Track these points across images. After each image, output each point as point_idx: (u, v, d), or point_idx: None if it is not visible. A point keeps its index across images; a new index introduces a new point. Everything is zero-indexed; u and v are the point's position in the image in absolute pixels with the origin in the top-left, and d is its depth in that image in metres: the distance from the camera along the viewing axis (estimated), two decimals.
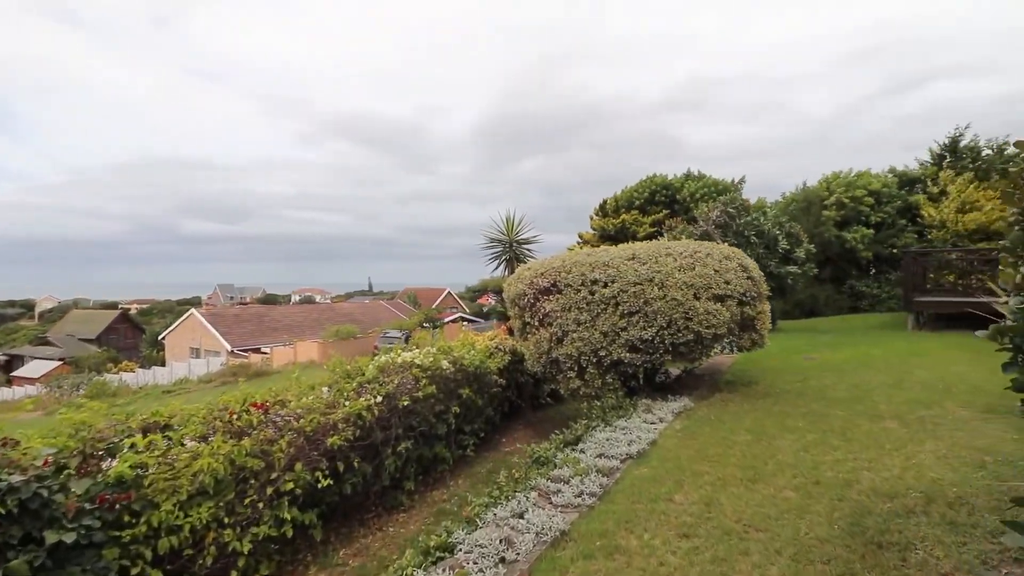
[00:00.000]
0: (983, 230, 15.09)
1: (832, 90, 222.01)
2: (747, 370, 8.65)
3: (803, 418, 5.41)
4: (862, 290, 18.90)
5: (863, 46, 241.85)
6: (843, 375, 7.54)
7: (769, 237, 12.92)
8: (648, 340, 6.10)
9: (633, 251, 6.58)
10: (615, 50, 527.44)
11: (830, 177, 19.75)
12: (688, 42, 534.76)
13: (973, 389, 6.15)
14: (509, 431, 8.35)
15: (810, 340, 11.74)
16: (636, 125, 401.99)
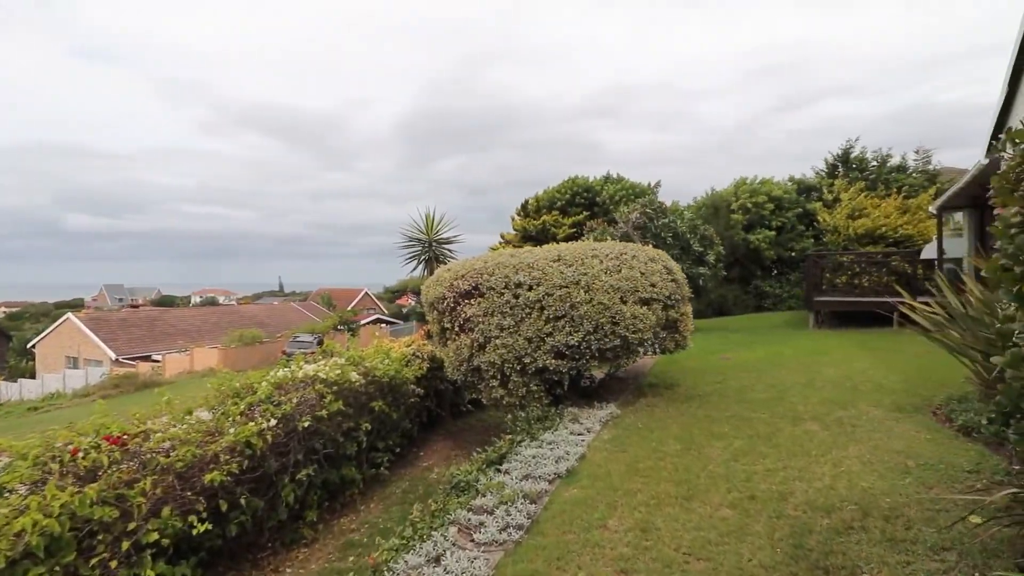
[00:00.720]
0: (870, 235, 16.42)
1: (735, 103, 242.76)
2: (668, 371, 8.66)
3: (728, 423, 5.33)
4: (766, 290, 20.06)
5: (761, 65, 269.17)
6: (759, 375, 7.68)
7: (684, 239, 13.24)
8: (575, 346, 5.81)
9: (559, 252, 6.27)
10: (536, 53, 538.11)
11: (738, 182, 20.82)
12: (604, 51, 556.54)
13: (878, 387, 6.40)
14: (428, 443, 7.80)
15: (724, 339, 12.12)
16: (557, 128, 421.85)
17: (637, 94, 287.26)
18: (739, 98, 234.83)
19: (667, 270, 6.43)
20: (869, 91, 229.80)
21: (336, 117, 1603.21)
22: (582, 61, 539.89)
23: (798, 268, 19.97)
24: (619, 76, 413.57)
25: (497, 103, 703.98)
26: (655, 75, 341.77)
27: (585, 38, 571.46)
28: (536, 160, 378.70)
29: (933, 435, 4.47)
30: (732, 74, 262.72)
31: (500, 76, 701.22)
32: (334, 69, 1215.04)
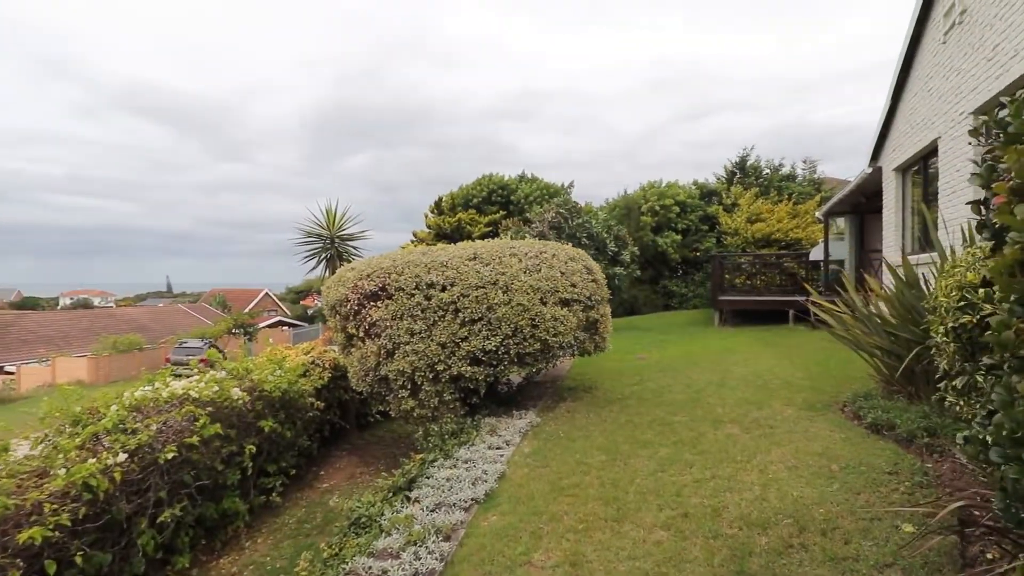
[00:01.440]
0: (766, 238, 17.50)
1: (638, 112, 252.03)
2: (586, 373, 8.48)
3: (651, 428, 5.13)
4: (673, 289, 20.85)
5: (660, 77, 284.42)
6: (675, 375, 7.67)
7: (599, 239, 13.28)
8: (492, 351, 5.38)
9: (475, 250, 5.80)
10: (448, 52, 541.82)
11: (646, 186, 21.48)
12: (515, 54, 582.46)
13: (786, 384, 6.54)
14: (330, 460, 7.05)
15: (638, 338, 12.25)
16: (471, 128, 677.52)
17: (547, 98, 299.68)
18: (641, 107, 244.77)
19: (587, 270, 6.18)
20: (755, 107, 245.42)
21: (232, 104, 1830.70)
22: (495, 62, 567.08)
23: (702, 269, 20.94)
24: (529, 79, 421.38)
25: (409, 99, 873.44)
26: (563, 80, 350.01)
27: (497, 40, 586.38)
28: (449, 159, 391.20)
29: (847, 434, 4.50)
30: (634, 84, 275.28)
31: (412, 72, 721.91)
32: (230, 52, 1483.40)
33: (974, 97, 6.57)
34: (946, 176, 7.47)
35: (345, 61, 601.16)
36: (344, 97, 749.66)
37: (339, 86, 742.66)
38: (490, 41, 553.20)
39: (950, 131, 7.30)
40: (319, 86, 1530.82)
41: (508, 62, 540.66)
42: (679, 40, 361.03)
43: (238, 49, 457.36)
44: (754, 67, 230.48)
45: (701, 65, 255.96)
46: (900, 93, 9.45)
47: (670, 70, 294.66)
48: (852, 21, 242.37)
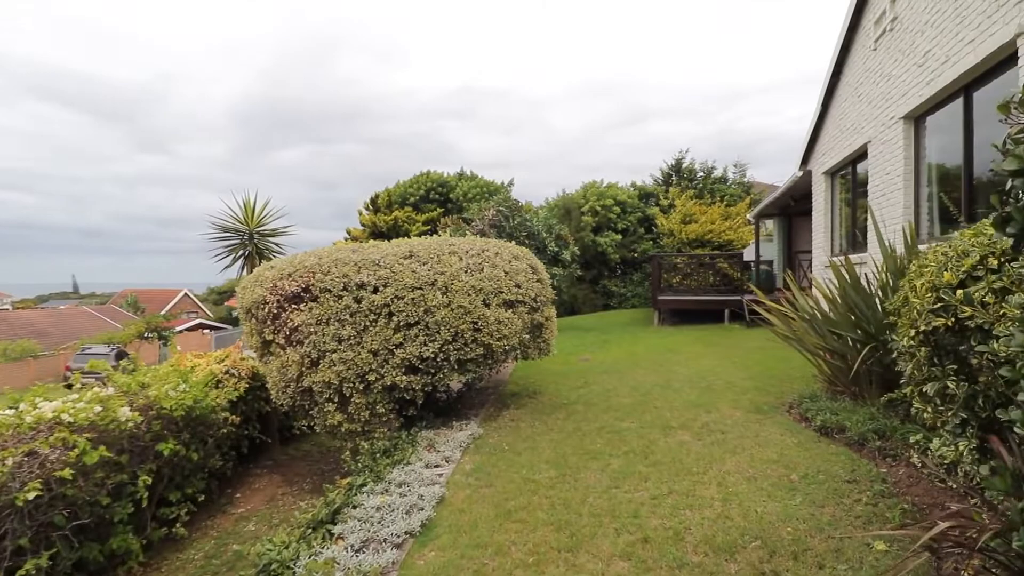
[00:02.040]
0: (700, 239, 17.91)
1: (578, 115, 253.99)
2: (529, 376, 8.15)
3: (600, 437, 4.84)
4: (612, 289, 21.02)
5: (599, 82, 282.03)
6: (620, 377, 7.48)
7: (539, 239, 13.04)
8: (430, 358, 4.91)
9: (410, 248, 5.31)
10: (388, 48, 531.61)
11: (587, 186, 21.55)
12: (456, 52, 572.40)
13: (730, 386, 6.47)
14: (248, 480, 6.33)
15: (579, 339, 12.09)
16: (411, 125, 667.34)
17: (488, 97, 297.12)
18: (581, 110, 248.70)
19: (532, 269, 5.83)
20: (688, 114, 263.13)
21: (153, 91, 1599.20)
22: (436, 60, 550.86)
23: (640, 269, 21.23)
24: (472, 79, 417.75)
25: (348, 94, 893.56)
26: (505, 80, 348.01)
27: (440, 37, 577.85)
28: (389, 156, 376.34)
29: (798, 438, 4.38)
30: (575, 87, 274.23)
31: (351, 65, 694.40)
32: (150, 36, 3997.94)
33: (905, 102, 6.75)
34: (876, 179, 7.69)
35: (278, 51, 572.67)
36: (276, 88, 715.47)
37: (271, 76, 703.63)
38: (433, 38, 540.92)
39: (880, 135, 7.51)
40: (249, 76, 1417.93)
41: (451, 60, 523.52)
42: (618, 47, 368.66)
43: (160, 34, 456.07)
44: (688, 76, 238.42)
45: (638, 72, 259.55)
46: (830, 99, 9.75)
47: (609, 75, 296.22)
48: (778, 36, 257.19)
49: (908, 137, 6.82)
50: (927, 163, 6.70)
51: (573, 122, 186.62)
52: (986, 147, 5.55)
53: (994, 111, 5.43)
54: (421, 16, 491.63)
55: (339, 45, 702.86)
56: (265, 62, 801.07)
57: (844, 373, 5.20)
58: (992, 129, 5.45)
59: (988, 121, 5.49)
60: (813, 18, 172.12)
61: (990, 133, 5.46)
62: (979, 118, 5.55)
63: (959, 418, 2.56)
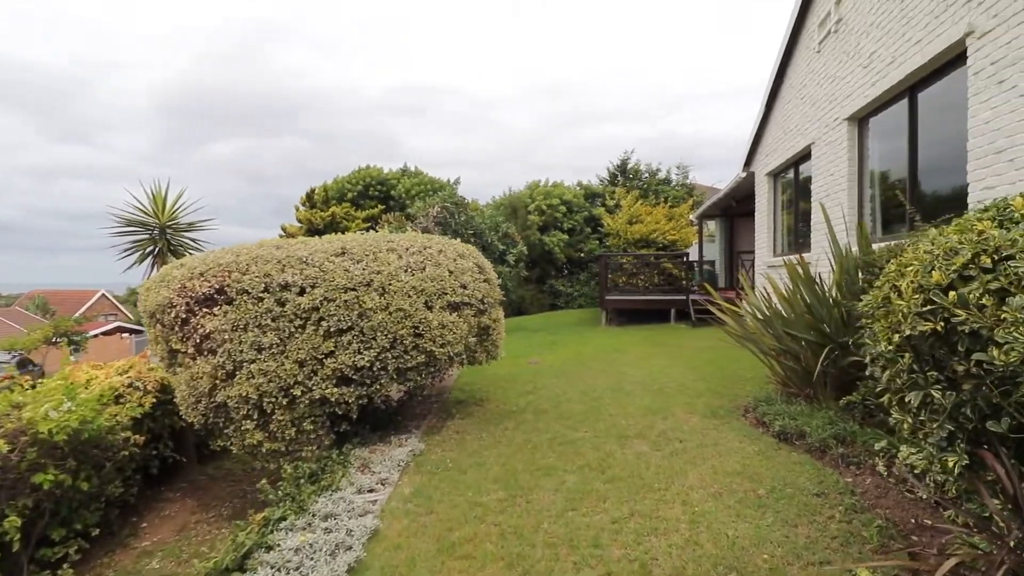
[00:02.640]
0: (645, 239, 18.03)
1: (530, 116, 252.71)
2: (476, 382, 7.72)
3: (552, 449, 4.49)
4: (560, 289, 20.88)
5: (552, 84, 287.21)
6: (570, 380, 7.18)
7: (485, 237, 12.63)
8: (365, 367, 4.40)
9: (343, 244, 4.77)
10: (335, 41, 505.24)
11: (532, 185, 21.31)
12: (404, 49, 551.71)
13: (683, 388, 6.29)
14: (157, 506, 5.58)
15: (527, 340, 11.77)
16: (356, 121, 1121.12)
17: (438, 96, 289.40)
18: (531, 111, 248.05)
19: (479, 268, 5.41)
20: (634, 119, 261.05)
21: (72, 78, 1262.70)
22: (381, 56, 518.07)
23: (587, 268, 21.21)
24: (420, 75, 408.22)
25: (290, 86, 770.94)
26: (455, 79, 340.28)
27: (384, 32, 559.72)
28: (332, 151, 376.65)
29: (758, 445, 4.18)
30: (525, 89, 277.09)
31: (294, 57, 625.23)
32: (69, 19, 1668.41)
33: (849, 103, 6.79)
34: (820, 180, 7.76)
35: (212, 39, 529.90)
36: (212, 78, 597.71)
37: (206, 65, 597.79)
38: (381, 33, 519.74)
39: (824, 136, 7.57)
40: (182, 64, 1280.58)
41: (399, 57, 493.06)
42: (566, 50, 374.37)
43: (84, 17, 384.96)
44: (633, 81, 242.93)
45: (586, 75, 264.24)
46: (774, 102, 9.86)
47: (558, 77, 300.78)
48: (720, 47, 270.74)
49: (852, 138, 6.87)
50: (870, 164, 6.77)
51: (523, 123, 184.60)
52: (931, 147, 5.59)
53: (939, 111, 5.43)
54: (369, 10, 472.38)
55: (280, 35, 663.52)
56: (200, 50, 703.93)
57: (798, 375, 5.09)
58: (937, 129, 5.49)
59: (933, 121, 5.53)
60: (753, 29, 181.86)
61: (935, 133, 5.50)
62: (924, 119, 5.59)
63: (945, 430, 2.35)
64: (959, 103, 4.76)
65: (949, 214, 4.78)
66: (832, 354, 4.55)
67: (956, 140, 4.89)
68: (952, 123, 5.07)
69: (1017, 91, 4.02)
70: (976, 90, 4.46)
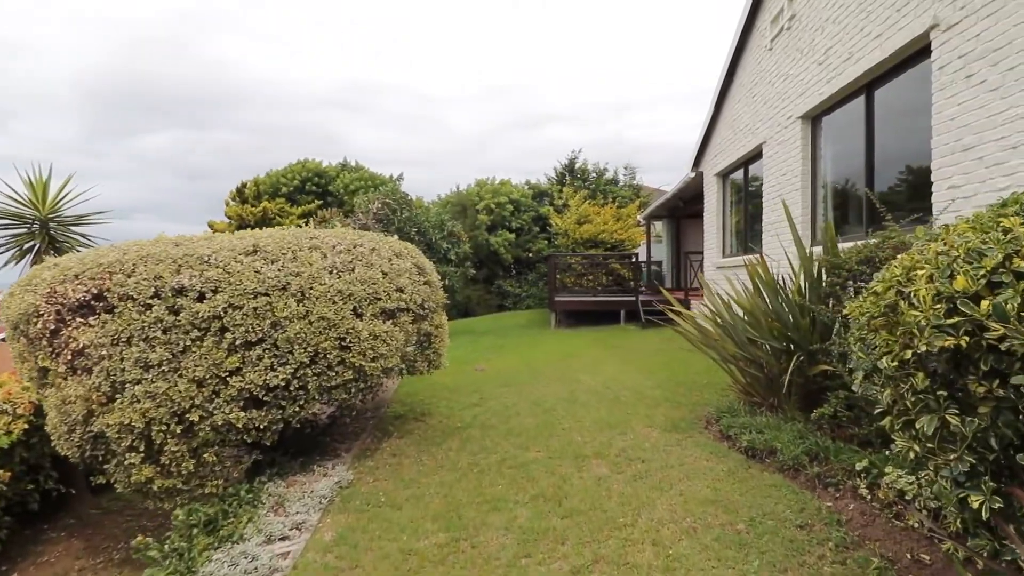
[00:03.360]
0: (594, 239, 17.85)
1: (476, 116, 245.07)
2: (417, 393, 7.11)
3: (501, 474, 3.97)
4: (508, 290, 20.43)
5: (500, 85, 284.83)
6: (519, 389, 6.69)
7: (430, 236, 11.98)
8: (280, 387, 3.73)
9: (255, 241, 4.06)
10: (275, 31, 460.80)
11: (480, 183, 20.76)
12: (349, 42, 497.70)
13: (640, 396, 5.92)
14: (38, 548, 4.67)
15: (474, 344, 11.22)
16: (298, 116, 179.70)
17: (383, 93, 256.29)
18: (478, 111, 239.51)
19: (419, 269, 4.81)
20: (581, 122, 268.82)
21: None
22: (326, 49, 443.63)
23: (535, 269, 20.87)
24: (364, 71, 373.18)
25: (226, 76, 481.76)
26: (400, 76, 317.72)
27: (329, 24, 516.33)
28: (272, 146, 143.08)
29: (727, 464, 3.82)
30: (473, 88, 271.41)
31: (229, 45, 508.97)
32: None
33: (803, 101, 6.64)
34: (772, 180, 7.62)
35: (143, 24, 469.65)
36: (140, 65, 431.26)
37: (130, 52, 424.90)
38: (327, 27, 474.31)
39: (776, 135, 7.42)
40: (104, 50, 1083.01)
41: (344, 51, 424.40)
42: (514, 50, 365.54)
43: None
44: (580, 84, 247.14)
45: (534, 75, 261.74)
46: (723, 101, 9.75)
47: (506, 78, 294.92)
48: (665, 52, 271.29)
49: (806, 137, 6.73)
50: (824, 164, 6.64)
51: (470, 123, 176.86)
52: (888, 146, 5.45)
53: (899, 109, 5.19)
54: (312, 4, 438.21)
55: (218, 22, 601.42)
56: (129, 34, 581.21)
57: (762, 383, 4.80)
58: (895, 127, 5.35)
59: (892, 119, 5.38)
60: (701, 33, 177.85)
61: (894, 132, 5.36)
62: (882, 117, 5.44)
63: (966, 463, 2.00)
64: (921, 100, 4.59)
65: (915, 214, 4.61)
66: (799, 362, 4.26)
67: (917, 138, 4.73)
68: (912, 121, 4.91)
69: (987, 86, 3.84)
70: (941, 85, 4.29)
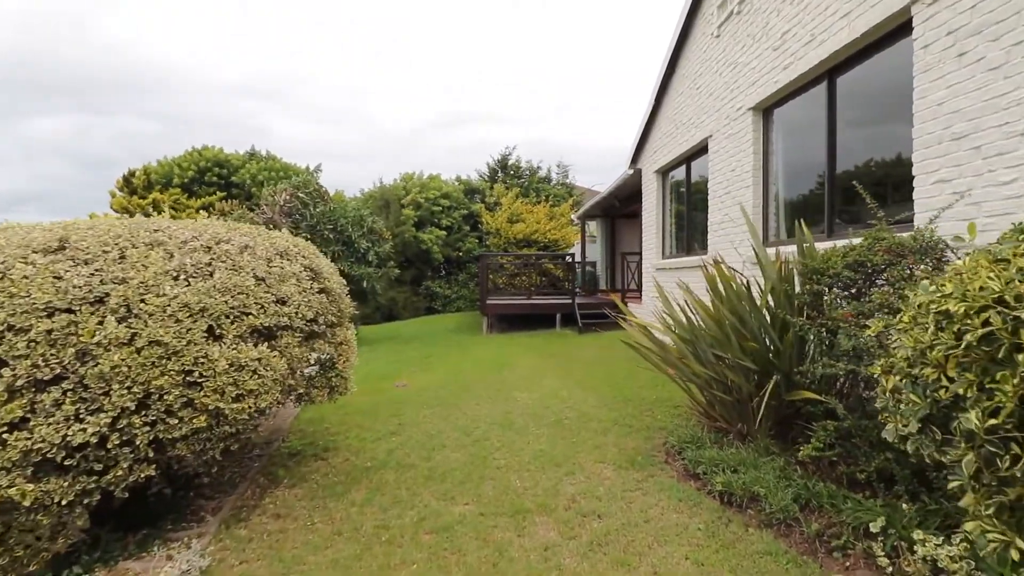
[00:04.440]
0: (527, 239, 17.15)
1: (405, 112, 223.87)
2: (323, 419, 5.97)
3: (417, 544, 3.03)
4: (437, 291, 19.32)
5: (429, 83, 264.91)
6: (446, 412, 5.74)
7: (346, 234, 10.72)
8: (91, 444, 2.58)
9: (63, 234, 2.87)
10: (186, 11, 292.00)
11: (407, 177, 19.50)
12: (269, 31, 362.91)
13: (584, 419, 5.15)
14: None
15: (397, 354, 10.11)
16: (212, 104, 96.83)
17: (307, 82, 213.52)
18: (407, 108, 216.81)
19: (312, 274, 3.75)
20: (511, 122, 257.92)
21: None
22: (240, 36, 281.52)
23: (465, 269, 19.90)
24: (285, 61, 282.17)
25: (129, 59, 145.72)
26: (326, 66, 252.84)
27: (252, 11, 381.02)
28: (181, 134, 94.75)
29: (702, 518, 3.08)
30: (402, 83, 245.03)
31: (131, 26, 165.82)
32: None
33: (755, 91, 6.13)
34: (719, 176, 7.11)
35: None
36: (31, 40, 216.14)
37: (23, 24, 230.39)
38: (247, 11, 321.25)
39: (724, 128, 6.91)
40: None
41: (262, 39, 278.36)
42: (444, 47, 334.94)
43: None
44: (510, 83, 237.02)
45: (465, 76, 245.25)
46: (663, 95, 9.24)
47: (436, 75, 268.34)
48: (596, 57, 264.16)
49: (758, 129, 6.22)
50: (776, 159, 6.17)
51: (401, 118, 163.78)
52: (853, 137, 4.97)
53: (863, 97, 4.55)
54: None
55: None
56: (17, 5, 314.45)
57: (728, 407, 4.13)
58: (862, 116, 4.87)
59: (857, 109, 4.90)
60: (634, 33, 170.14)
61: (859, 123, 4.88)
62: (846, 106, 4.96)
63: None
64: (897, 84, 4.09)
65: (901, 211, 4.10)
66: (775, 385, 3.61)
67: (889, 128, 4.23)
68: (884, 108, 4.42)
69: (985, 64, 3.32)
70: (925, 66, 3.77)
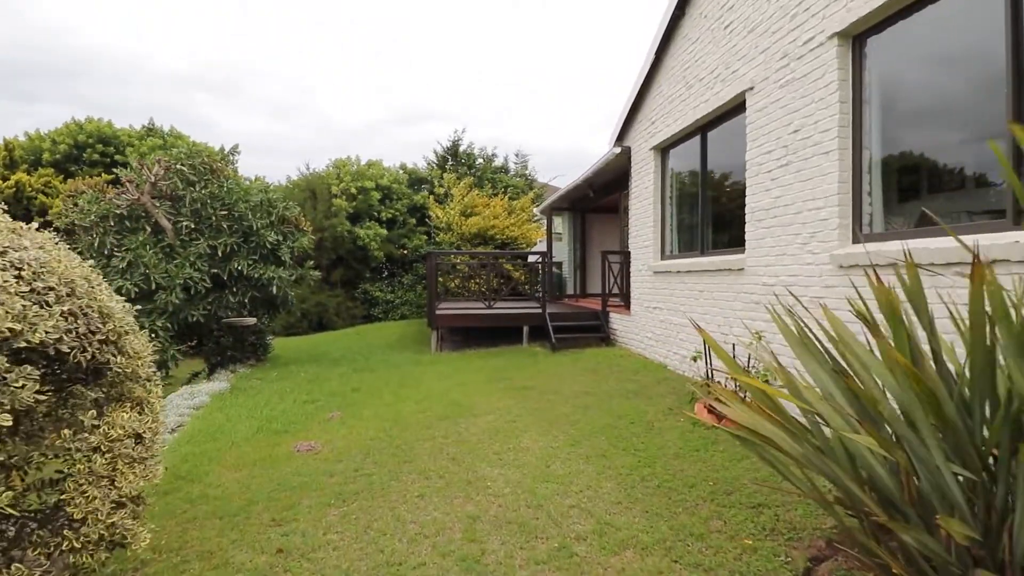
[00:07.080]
0: (483, 234, 14.86)
1: (355, 109, 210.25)
2: (174, 511, 3.46)
3: None
4: (376, 296, 16.70)
5: (377, 82, 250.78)
6: (368, 518, 3.38)
7: (248, 223, 8.09)
8: None
9: None
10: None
11: (339, 163, 16.77)
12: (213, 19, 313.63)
13: (602, 533, 2.91)
14: None
15: (315, 384, 7.57)
16: (152, 94, 62.05)
17: (253, 75, 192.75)
18: (357, 105, 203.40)
19: (37, 284, 1.33)
20: (465, 122, 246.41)
21: None
22: (185, 24, 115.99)
23: (411, 269, 17.38)
24: (229, 52, 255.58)
25: (59, 44, 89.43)
26: (271, 59, 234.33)
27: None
28: (118, 125, 23.85)
29: None
30: (355, 81, 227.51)
31: (61, 12, 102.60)
32: None
33: (839, 8, 4.11)
34: (765, 143, 5.07)
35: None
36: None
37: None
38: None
39: (777, 74, 4.87)
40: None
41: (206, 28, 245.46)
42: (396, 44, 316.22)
43: None
44: (464, 85, 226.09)
45: (415, 71, 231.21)
46: (667, 46, 7.19)
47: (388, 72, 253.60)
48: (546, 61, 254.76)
49: (845, 65, 4.20)
50: (870, 109, 4.16)
51: (352, 115, 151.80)
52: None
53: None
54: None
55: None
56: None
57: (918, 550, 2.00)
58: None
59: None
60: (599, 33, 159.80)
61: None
62: None
63: None
64: None
65: None
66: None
67: None
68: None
69: None
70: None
